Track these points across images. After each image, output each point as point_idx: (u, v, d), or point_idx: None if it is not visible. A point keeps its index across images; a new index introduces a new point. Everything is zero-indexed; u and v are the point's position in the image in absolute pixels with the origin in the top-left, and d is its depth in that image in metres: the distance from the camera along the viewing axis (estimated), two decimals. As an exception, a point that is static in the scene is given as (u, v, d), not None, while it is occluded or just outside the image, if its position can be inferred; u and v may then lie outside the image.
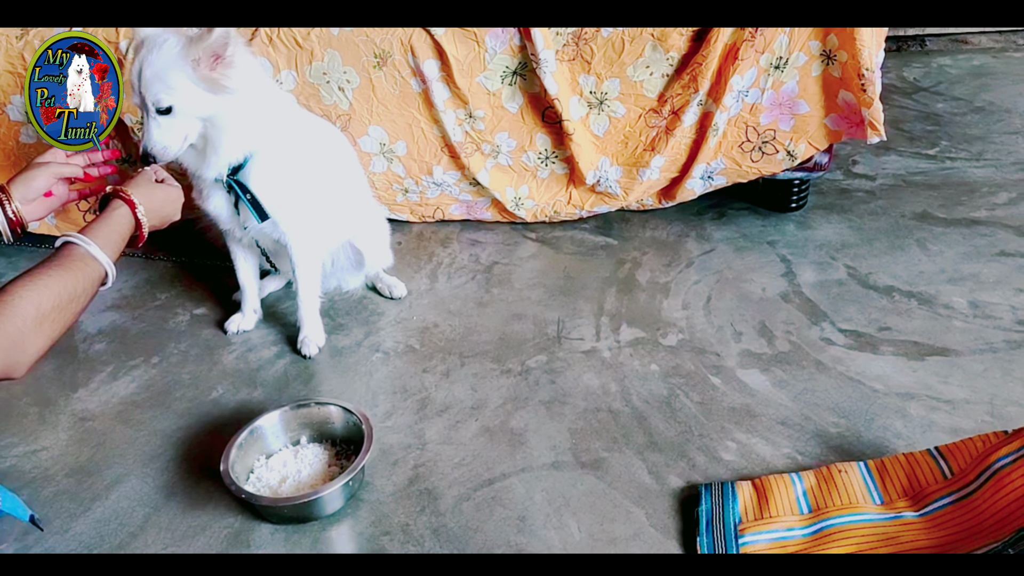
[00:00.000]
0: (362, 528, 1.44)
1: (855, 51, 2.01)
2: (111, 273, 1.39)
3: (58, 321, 1.25)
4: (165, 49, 1.57)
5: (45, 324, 1.22)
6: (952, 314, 1.90)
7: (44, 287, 1.24)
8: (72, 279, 1.30)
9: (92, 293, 1.35)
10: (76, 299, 1.30)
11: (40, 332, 1.22)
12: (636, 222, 2.44)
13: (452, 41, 2.14)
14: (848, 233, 2.30)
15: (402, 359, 1.89)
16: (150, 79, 1.57)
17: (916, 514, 1.32)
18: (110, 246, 1.40)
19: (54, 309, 1.24)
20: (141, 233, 1.51)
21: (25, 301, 1.20)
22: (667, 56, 2.14)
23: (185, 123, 1.64)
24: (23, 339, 1.19)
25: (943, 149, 2.79)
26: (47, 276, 1.27)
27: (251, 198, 1.76)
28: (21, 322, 1.19)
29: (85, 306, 1.33)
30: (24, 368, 1.21)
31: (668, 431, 1.61)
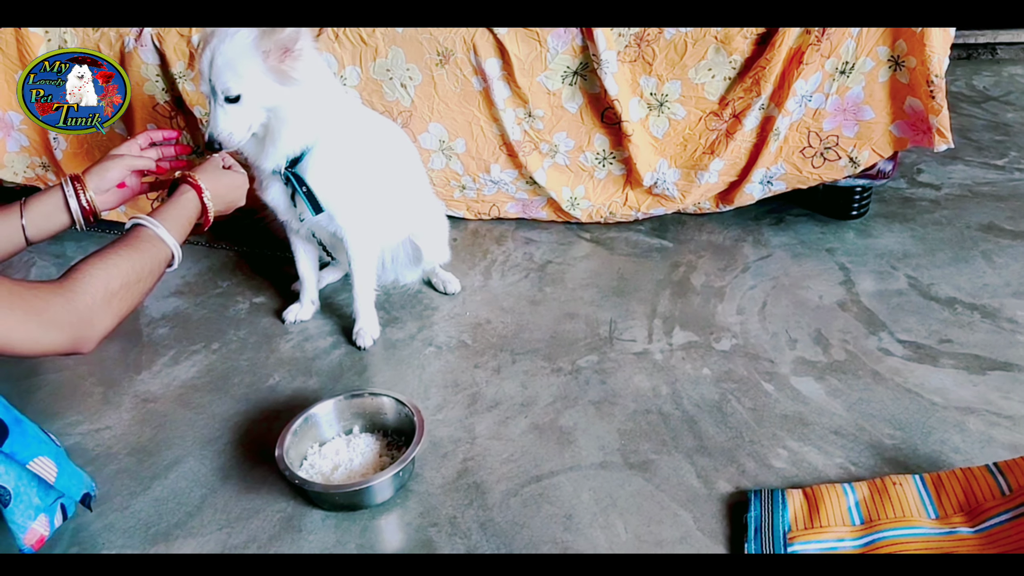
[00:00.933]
0: (410, 518, 1.46)
1: (924, 57, 1.97)
2: (177, 255, 1.43)
3: (126, 299, 1.29)
4: (237, 39, 1.62)
5: (113, 302, 1.26)
6: (1016, 328, 1.85)
7: (113, 266, 1.29)
8: (140, 259, 1.34)
9: (159, 274, 1.40)
10: (143, 279, 1.34)
11: (108, 310, 1.26)
12: (692, 225, 2.42)
13: (514, 40, 2.15)
14: (910, 243, 2.25)
15: (454, 354, 1.91)
16: (221, 67, 1.63)
17: (972, 530, 1.29)
18: (177, 228, 1.45)
19: (122, 287, 1.28)
20: (207, 217, 1.55)
21: (95, 279, 1.25)
22: (730, 59, 2.13)
23: (251, 112, 1.69)
24: (92, 316, 1.23)
25: (1012, 160, 2.72)
26: (116, 256, 1.31)
27: (307, 191, 1.80)
28: (91, 299, 1.23)
29: (152, 286, 1.38)
30: (92, 344, 1.25)
31: (718, 436, 1.60)
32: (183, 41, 2.23)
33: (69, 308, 1.20)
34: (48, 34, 2.28)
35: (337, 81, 1.89)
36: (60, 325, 1.19)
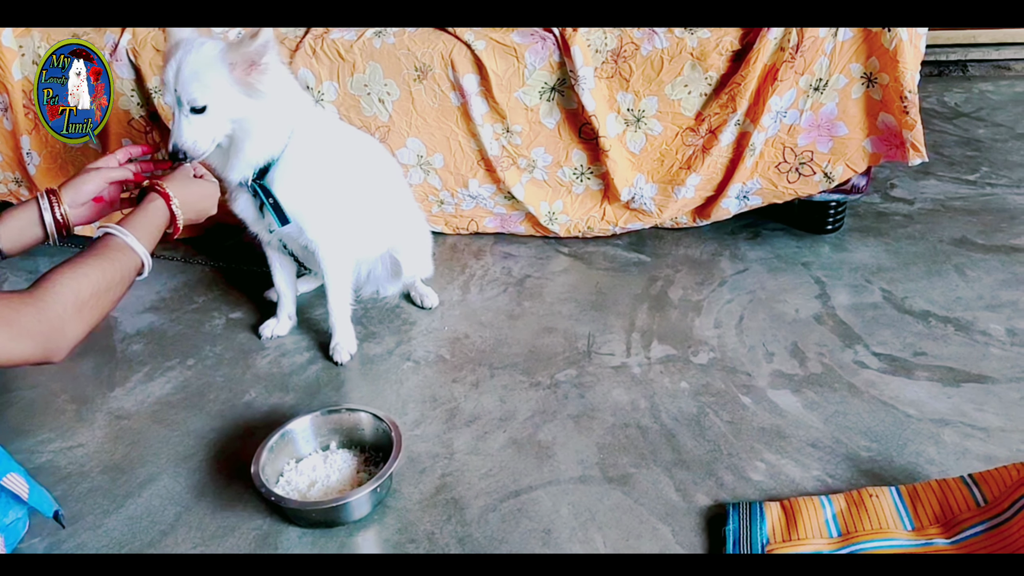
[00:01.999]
0: (388, 535, 1.45)
1: (897, 73, 2.00)
2: (147, 263, 1.42)
3: (96, 308, 1.29)
4: (204, 51, 1.62)
5: (84, 311, 1.26)
6: (989, 341, 1.88)
7: (83, 276, 1.28)
8: (110, 268, 1.33)
9: (129, 282, 1.39)
10: (113, 287, 1.33)
11: (79, 318, 1.25)
12: (669, 240, 2.43)
13: (492, 56, 2.16)
14: (884, 257, 2.28)
15: (432, 369, 1.91)
16: (188, 78, 1.62)
17: (947, 541, 1.30)
18: (146, 237, 1.44)
19: (92, 296, 1.27)
20: (176, 226, 1.55)
21: (65, 288, 1.24)
22: (706, 75, 2.15)
23: (216, 123, 1.68)
24: (63, 325, 1.22)
25: (983, 175, 2.76)
26: (86, 265, 1.30)
27: (273, 202, 1.80)
28: (61, 308, 1.22)
29: (122, 294, 1.37)
30: (63, 352, 1.24)
31: (696, 449, 1.60)
32: (159, 56, 2.22)
33: (40, 317, 1.19)
34: (22, 48, 2.26)
35: (306, 95, 1.88)
36: (31, 334, 1.18)
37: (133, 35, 2.23)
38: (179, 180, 1.59)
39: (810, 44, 2.04)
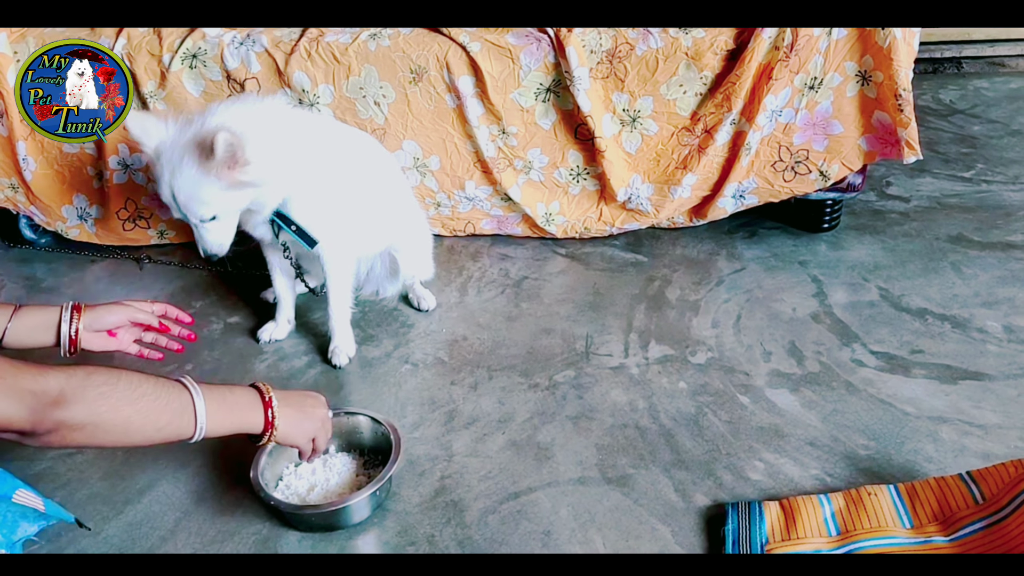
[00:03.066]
0: (388, 538, 1.45)
1: (891, 71, 2.00)
2: (199, 429, 1.24)
3: (107, 397, 1.13)
4: (186, 171, 1.61)
5: (89, 391, 1.12)
6: (986, 338, 1.88)
7: (114, 371, 1.17)
8: (142, 380, 1.19)
9: (169, 426, 1.21)
10: (144, 407, 1.17)
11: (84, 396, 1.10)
12: (666, 239, 2.44)
13: (487, 58, 2.16)
14: (881, 254, 2.28)
15: (431, 371, 1.91)
16: (186, 201, 1.65)
17: (946, 539, 1.30)
18: (217, 407, 1.27)
19: (107, 385, 1.13)
20: (270, 434, 1.35)
21: (81, 370, 1.13)
22: (701, 75, 2.15)
23: (231, 220, 1.74)
24: (63, 393, 1.09)
25: (979, 172, 2.76)
26: (128, 371, 1.19)
27: (296, 229, 1.82)
28: (65, 378, 1.10)
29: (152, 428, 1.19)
30: (52, 425, 1.08)
31: (695, 449, 1.60)
32: (154, 61, 2.23)
33: (38, 379, 1.07)
34: (17, 54, 2.26)
35: (298, 120, 1.85)
36: (19, 393, 1.05)
37: (128, 40, 2.23)
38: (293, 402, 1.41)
39: (804, 43, 2.04)
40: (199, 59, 2.23)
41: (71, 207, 2.47)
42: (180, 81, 2.25)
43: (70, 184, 2.43)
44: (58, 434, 1.09)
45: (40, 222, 2.51)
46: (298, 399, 1.43)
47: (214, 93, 2.26)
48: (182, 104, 2.27)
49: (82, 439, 1.13)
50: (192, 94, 2.27)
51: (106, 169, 2.38)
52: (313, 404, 1.45)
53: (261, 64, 2.21)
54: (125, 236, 2.52)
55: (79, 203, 2.47)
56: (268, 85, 2.23)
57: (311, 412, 1.43)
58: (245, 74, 2.22)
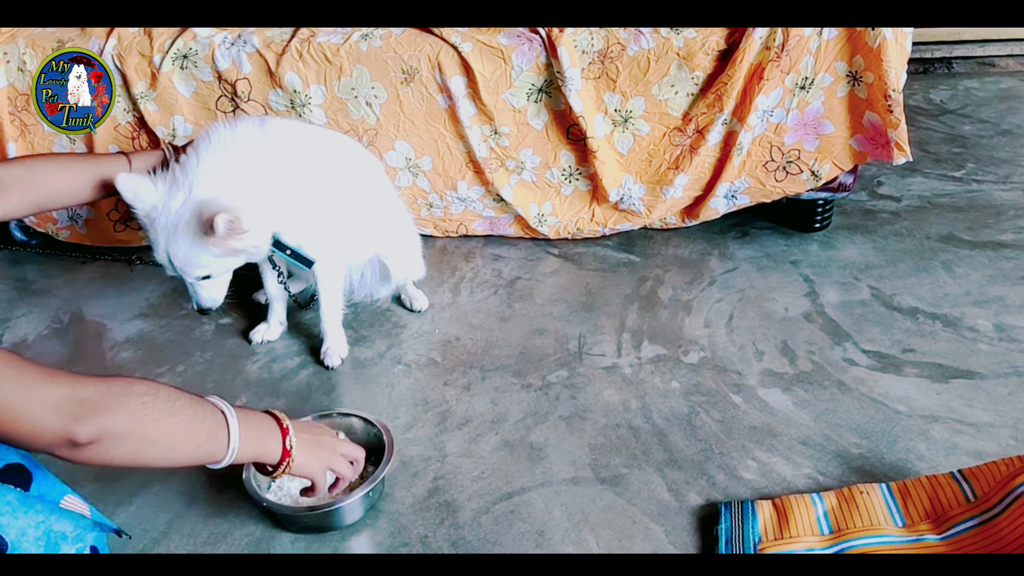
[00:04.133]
0: (381, 539, 1.45)
1: (881, 72, 2.01)
2: (230, 453, 1.20)
3: (147, 413, 1.08)
4: (182, 240, 1.62)
5: (132, 401, 1.07)
6: (977, 337, 1.89)
7: (152, 383, 1.13)
8: (180, 394, 1.16)
9: (199, 431, 1.17)
10: (175, 407, 1.13)
11: (123, 404, 1.06)
12: (659, 240, 2.44)
13: (479, 58, 2.16)
14: (872, 254, 2.29)
15: (424, 372, 1.91)
16: (183, 265, 1.66)
17: (938, 537, 1.31)
18: (248, 432, 1.24)
19: (149, 395, 1.10)
20: (286, 462, 1.31)
21: (122, 378, 1.10)
22: (692, 75, 2.15)
23: (224, 278, 1.77)
24: (100, 399, 1.04)
25: (969, 171, 2.78)
26: (164, 385, 1.15)
27: (291, 252, 1.81)
28: (105, 386, 1.06)
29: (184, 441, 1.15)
30: (88, 432, 1.01)
31: (688, 449, 1.61)
32: (144, 61, 2.22)
33: (76, 385, 1.02)
34: (7, 55, 2.26)
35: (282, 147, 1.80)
36: (56, 401, 1.00)
37: (119, 40, 2.22)
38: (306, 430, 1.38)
39: (795, 43, 2.05)
40: (190, 59, 2.22)
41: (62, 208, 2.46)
42: (171, 82, 2.24)
43: (60, 185, 2.42)
44: (102, 445, 1.03)
45: (30, 223, 2.50)
46: (311, 427, 1.40)
47: (205, 94, 2.26)
48: (173, 105, 2.26)
49: (126, 452, 1.08)
50: (183, 95, 2.26)
51: (97, 170, 2.37)
52: (322, 432, 1.42)
53: (252, 65, 2.21)
54: (116, 237, 2.51)
55: (70, 204, 2.46)
56: (259, 86, 2.22)
57: (325, 442, 1.39)
58: (236, 75, 2.21)
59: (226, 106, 2.27)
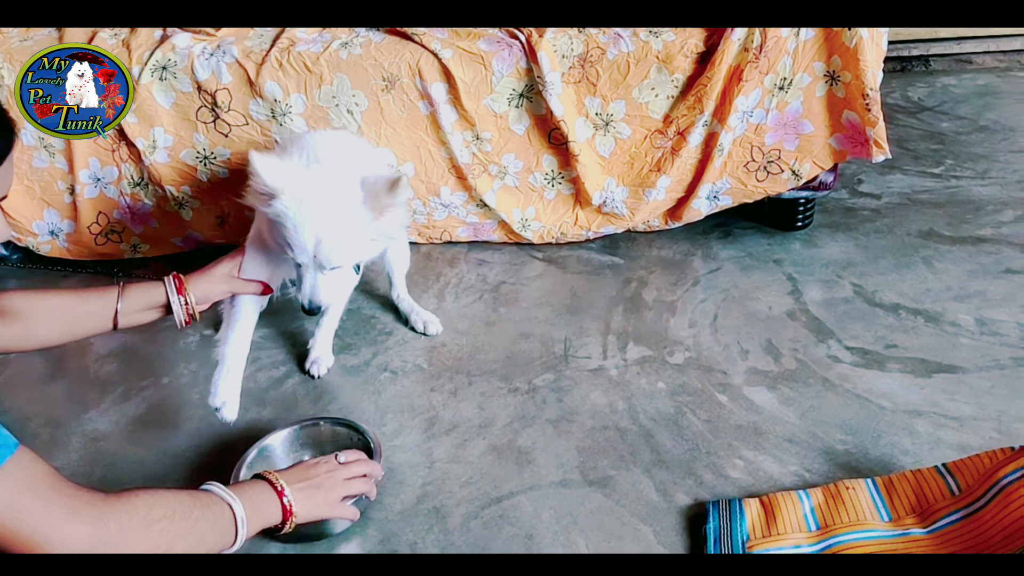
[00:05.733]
0: (370, 546, 1.44)
1: (859, 71, 2.02)
2: (240, 539, 1.22)
3: (164, 535, 1.09)
4: (343, 217, 1.48)
5: (151, 530, 1.08)
6: (959, 331, 1.90)
7: (161, 496, 1.14)
8: (196, 507, 1.17)
9: (214, 539, 1.20)
10: (192, 528, 1.15)
11: (142, 536, 1.07)
12: (642, 242, 2.45)
13: (459, 64, 2.17)
14: (854, 251, 2.30)
15: (410, 378, 1.90)
16: (332, 249, 1.49)
17: (924, 531, 1.32)
18: (252, 511, 1.25)
19: (164, 519, 1.10)
20: (288, 520, 1.33)
21: (139, 500, 1.10)
22: (672, 78, 2.16)
23: (350, 272, 1.62)
24: (121, 535, 1.05)
25: (948, 168, 2.80)
26: (169, 492, 1.17)
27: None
28: (127, 518, 1.06)
29: (200, 546, 1.16)
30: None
31: (675, 449, 1.61)
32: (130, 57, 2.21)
33: (97, 523, 1.03)
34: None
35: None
36: (75, 546, 1.00)
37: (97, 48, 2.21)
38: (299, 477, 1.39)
39: (773, 44, 2.06)
40: (169, 71, 2.21)
41: (42, 222, 2.45)
42: (150, 93, 2.23)
43: (40, 199, 2.41)
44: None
45: (11, 238, 2.48)
46: (302, 473, 1.39)
47: (185, 104, 2.25)
48: (153, 116, 2.25)
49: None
50: (163, 106, 2.25)
51: (77, 183, 2.36)
52: (317, 471, 1.40)
53: (232, 75, 2.20)
54: (97, 251, 2.49)
55: (50, 218, 2.44)
56: (239, 96, 2.22)
57: (322, 481, 1.39)
58: (216, 85, 2.21)
59: (206, 116, 2.26)
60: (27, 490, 0.98)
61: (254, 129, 2.25)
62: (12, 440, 0.99)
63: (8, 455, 0.96)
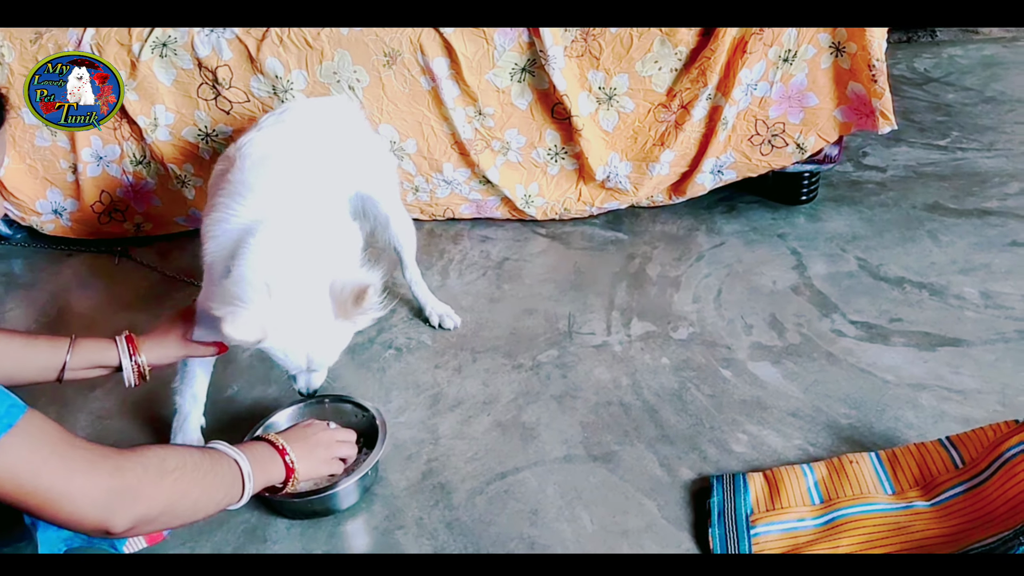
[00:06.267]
0: (377, 522, 1.45)
1: (865, 42, 2.01)
2: (247, 492, 1.27)
3: (178, 484, 1.13)
4: (326, 333, 1.46)
5: (165, 480, 1.11)
6: (963, 304, 1.90)
7: (172, 450, 1.20)
8: (205, 460, 1.21)
9: (222, 491, 1.23)
10: (203, 480, 1.18)
11: (158, 486, 1.09)
12: (646, 217, 2.44)
13: (461, 39, 2.15)
14: (859, 225, 2.29)
15: (414, 355, 1.91)
16: (324, 359, 1.50)
17: (927, 503, 1.32)
18: (258, 470, 1.30)
19: (178, 469, 1.13)
20: (289, 481, 1.39)
21: (151, 453, 1.13)
22: (675, 51, 2.14)
23: None
24: (139, 485, 1.07)
25: (954, 140, 2.78)
26: (180, 448, 1.25)
27: None
28: (142, 469, 1.08)
29: (209, 498, 1.20)
30: (125, 521, 1.05)
31: (679, 424, 1.62)
32: (123, 51, 2.20)
33: (115, 475, 1.05)
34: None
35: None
36: (97, 492, 1.02)
37: (96, 30, 2.20)
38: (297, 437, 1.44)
39: (778, 16, 2.04)
40: (169, 47, 2.20)
41: (45, 201, 2.45)
42: (151, 70, 2.22)
43: (43, 178, 2.41)
44: (134, 530, 1.08)
45: (15, 217, 2.49)
46: (299, 433, 1.45)
47: (185, 82, 2.24)
48: (154, 94, 2.24)
49: (155, 527, 1.15)
50: (164, 83, 2.24)
51: (79, 162, 2.36)
52: (313, 431, 1.47)
53: (232, 51, 2.19)
54: (101, 230, 2.49)
55: (53, 197, 2.44)
56: (240, 72, 2.20)
57: (320, 439, 1.46)
58: (216, 61, 2.20)
59: (207, 94, 2.25)
60: (42, 447, 1.00)
61: (255, 106, 2.24)
62: (21, 403, 1.00)
63: (19, 414, 0.98)
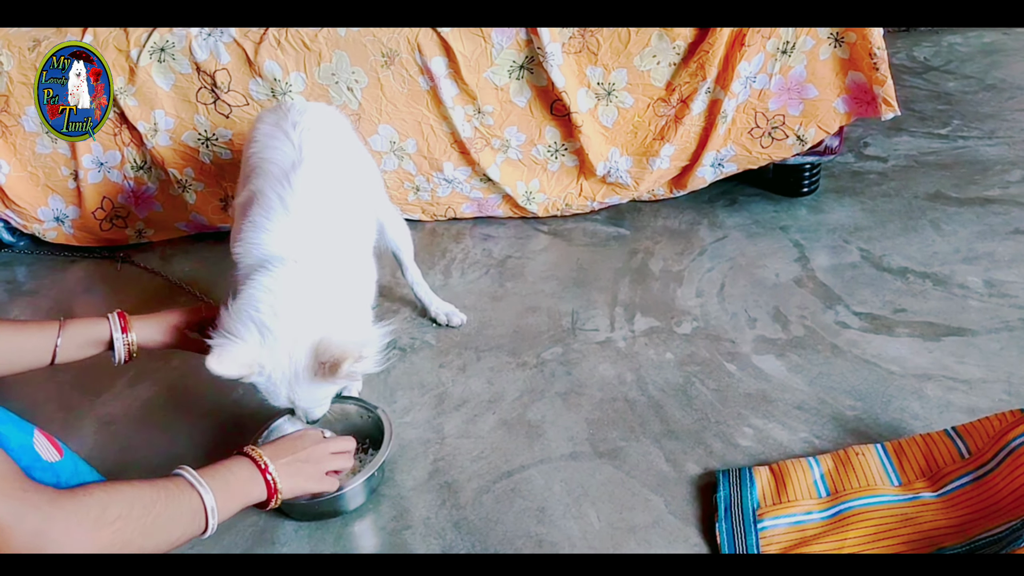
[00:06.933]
0: (384, 523, 1.46)
1: (864, 31, 2.00)
2: (212, 523, 1.18)
3: (122, 532, 1.04)
4: (305, 385, 1.43)
5: (104, 532, 1.02)
6: (967, 294, 1.90)
7: (120, 493, 1.08)
8: (156, 495, 1.12)
9: (181, 530, 1.15)
10: (154, 525, 1.09)
11: (95, 537, 1.01)
12: (648, 211, 2.44)
13: (458, 38, 2.15)
14: (861, 216, 2.29)
15: (419, 355, 1.91)
16: (310, 406, 1.49)
17: (934, 494, 1.32)
18: (225, 495, 1.21)
19: (120, 519, 1.04)
20: (274, 498, 1.31)
21: (93, 500, 1.04)
22: (673, 45, 2.14)
23: None
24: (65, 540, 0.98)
25: (955, 128, 2.77)
26: (131, 486, 1.11)
27: None
28: (76, 521, 1.00)
29: (166, 541, 1.12)
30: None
31: (684, 419, 1.62)
32: (122, 56, 2.20)
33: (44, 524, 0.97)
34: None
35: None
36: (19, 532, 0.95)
37: (94, 36, 2.20)
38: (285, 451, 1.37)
39: (776, 8, 2.04)
40: (167, 52, 2.20)
41: (47, 209, 2.45)
42: (149, 75, 2.22)
43: (45, 185, 2.41)
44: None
45: (17, 225, 2.49)
46: (288, 447, 1.37)
47: (184, 86, 2.24)
48: (153, 99, 2.24)
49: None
50: (163, 88, 2.24)
51: (80, 168, 2.36)
52: (302, 444, 1.39)
53: (231, 55, 2.19)
54: (103, 236, 2.50)
55: (55, 204, 2.45)
56: (239, 76, 2.21)
57: (309, 454, 1.38)
58: (215, 65, 2.20)
59: (206, 98, 2.25)
60: None
61: (255, 109, 2.24)
62: None
63: None
